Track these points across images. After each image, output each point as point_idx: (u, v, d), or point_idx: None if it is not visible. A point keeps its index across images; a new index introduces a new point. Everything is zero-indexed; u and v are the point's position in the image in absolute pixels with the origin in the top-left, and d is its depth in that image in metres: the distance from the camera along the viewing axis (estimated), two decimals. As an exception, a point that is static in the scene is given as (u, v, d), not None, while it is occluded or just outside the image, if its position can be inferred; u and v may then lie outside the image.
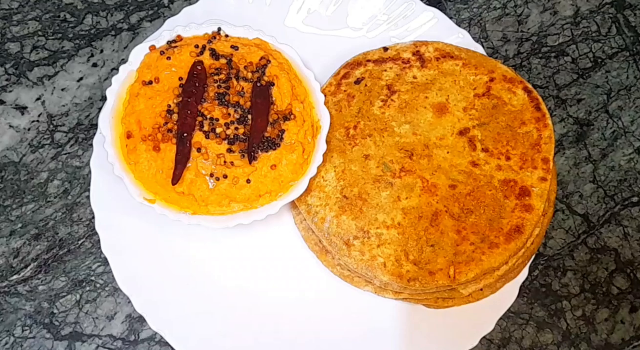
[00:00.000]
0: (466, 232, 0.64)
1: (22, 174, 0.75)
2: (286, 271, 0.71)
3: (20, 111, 0.77)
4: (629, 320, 0.73)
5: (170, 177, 0.65)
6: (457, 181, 0.66)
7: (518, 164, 0.67)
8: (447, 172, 0.67)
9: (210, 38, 0.70)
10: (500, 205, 0.65)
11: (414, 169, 0.67)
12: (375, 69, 0.72)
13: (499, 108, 0.69)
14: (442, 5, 0.84)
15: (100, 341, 0.71)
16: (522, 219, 0.65)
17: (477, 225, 0.65)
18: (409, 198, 0.66)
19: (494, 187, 0.66)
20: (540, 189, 0.65)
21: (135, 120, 0.66)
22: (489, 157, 0.68)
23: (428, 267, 0.64)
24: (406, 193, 0.67)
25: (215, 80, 0.68)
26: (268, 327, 0.68)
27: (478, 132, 0.69)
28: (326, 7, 0.78)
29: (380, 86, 0.71)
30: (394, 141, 0.69)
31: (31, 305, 0.71)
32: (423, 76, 0.72)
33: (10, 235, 0.73)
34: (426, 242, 0.64)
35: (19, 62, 0.79)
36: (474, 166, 0.67)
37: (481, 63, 0.71)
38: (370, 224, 0.66)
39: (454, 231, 0.65)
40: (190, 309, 0.69)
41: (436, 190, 0.66)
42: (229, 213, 0.66)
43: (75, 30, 0.80)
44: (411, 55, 0.72)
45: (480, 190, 0.66)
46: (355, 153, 0.69)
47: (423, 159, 0.68)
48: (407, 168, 0.68)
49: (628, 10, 0.85)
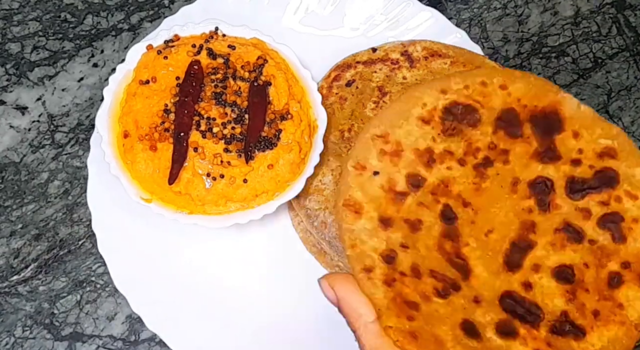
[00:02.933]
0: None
1: (23, 174, 0.75)
2: (284, 271, 0.71)
3: (20, 111, 0.77)
4: (629, 321, 0.73)
5: (166, 176, 0.65)
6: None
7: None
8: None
9: (207, 37, 0.70)
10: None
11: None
12: (365, 70, 0.72)
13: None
14: (442, 5, 0.84)
15: (101, 341, 0.71)
16: None
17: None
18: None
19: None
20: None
21: (132, 120, 0.67)
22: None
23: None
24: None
25: (212, 80, 0.68)
26: (265, 327, 0.68)
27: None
28: (323, 7, 0.78)
29: (371, 88, 0.71)
30: None
31: (31, 305, 0.72)
32: (412, 76, 0.71)
33: (11, 236, 0.73)
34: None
35: (19, 62, 0.79)
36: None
37: (469, 60, 0.71)
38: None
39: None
40: (187, 309, 0.69)
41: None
42: (225, 212, 0.66)
43: (75, 30, 0.81)
44: (399, 55, 0.72)
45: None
46: None
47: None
48: None
49: (628, 10, 0.85)
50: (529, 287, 0.45)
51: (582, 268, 0.45)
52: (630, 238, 0.45)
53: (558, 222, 0.45)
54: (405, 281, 0.44)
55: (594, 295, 0.44)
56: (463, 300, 0.44)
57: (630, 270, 0.44)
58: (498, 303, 0.44)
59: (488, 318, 0.44)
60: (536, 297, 0.44)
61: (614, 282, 0.44)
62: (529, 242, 0.45)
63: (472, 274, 0.45)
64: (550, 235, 0.45)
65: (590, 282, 0.44)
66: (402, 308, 0.43)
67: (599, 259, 0.45)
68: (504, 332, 0.43)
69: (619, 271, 0.44)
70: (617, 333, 0.44)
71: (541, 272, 0.45)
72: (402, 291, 0.43)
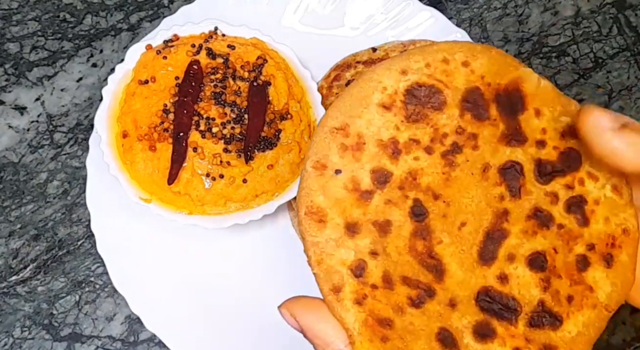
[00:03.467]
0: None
1: (21, 174, 0.75)
2: (283, 271, 0.70)
3: (19, 111, 0.77)
4: (630, 321, 0.73)
5: (166, 176, 0.65)
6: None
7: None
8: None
9: (207, 37, 0.70)
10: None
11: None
12: (365, 70, 0.72)
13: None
14: (442, 4, 0.84)
15: (100, 342, 0.71)
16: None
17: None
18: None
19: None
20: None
21: (131, 120, 0.66)
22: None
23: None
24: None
25: (211, 80, 0.68)
26: (265, 327, 0.68)
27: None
28: (323, 6, 0.78)
29: None
30: None
31: (30, 306, 0.71)
32: None
33: (9, 236, 0.73)
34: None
35: (18, 62, 0.79)
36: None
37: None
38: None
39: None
40: (187, 309, 0.68)
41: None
42: (225, 213, 0.66)
43: (74, 30, 0.80)
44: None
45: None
46: None
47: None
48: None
49: (629, 10, 0.85)
50: (505, 279, 0.43)
51: (553, 253, 0.44)
52: (592, 220, 0.44)
53: (529, 208, 0.44)
54: (376, 295, 0.41)
55: (566, 281, 0.44)
56: (438, 306, 0.42)
57: (595, 251, 0.44)
58: (474, 302, 0.43)
59: (465, 322, 0.42)
60: (512, 289, 0.43)
61: (581, 265, 0.44)
62: (502, 231, 0.44)
63: (446, 274, 0.43)
64: (522, 222, 0.44)
65: (561, 267, 0.44)
66: (375, 330, 0.41)
67: (566, 242, 0.44)
68: (481, 334, 0.42)
69: (585, 253, 0.44)
70: (590, 316, 0.43)
71: (516, 262, 0.44)
72: (374, 308, 0.41)
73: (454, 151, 0.44)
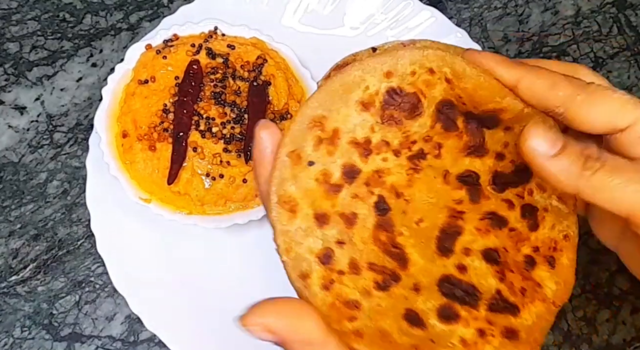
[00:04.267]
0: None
1: (21, 174, 0.75)
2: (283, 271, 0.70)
3: (19, 111, 0.77)
4: (630, 321, 0.73)
5: (165, 176, 0.65)
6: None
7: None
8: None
9: (207, 37, 0.70)
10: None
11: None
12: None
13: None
14: (442, 4, 0.84)
15: (100, 342, 0.71)
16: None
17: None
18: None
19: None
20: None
21: (130, 119, 0.66)
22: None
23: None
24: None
25: (211, 79, 0.68)
26: (265, 327, 0.68)
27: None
28: (323, 6, 0.78)
29: None
30: None
31: (30, 305, 0.71)
32: None
33: (9, 236, 0.73)
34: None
35: (18, 62, 0.79)
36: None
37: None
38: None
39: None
40: (187, 309, 0.68)
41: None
42: (224, 213, 0.66)
43: (74, 29, 0.80)
44: None
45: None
46: None
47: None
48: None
49: (629, 9, 0.85)
50: (464, 269, 0.45)
51: (504, 252, 0.45)
52: (541, 226, 0.46)
53: (485, 211, 0.46)
54: (343, 280, 0.42)
55: (518, 276, 0.45)
56: (403, 290, 0.43)
57: (539, 253, 0.46)
58: (437, 288, 0.44)
59: (429, 305, 0.43)
60: (472, 278, 0.44)
61: (528, 265, 0.45)
62: (456, 228, 0.45)
63: (409, 262, 0.44)
64: (476, 221, 0.45)
65: (513, 264, 0.45)
66: (342, 311, 0.41)
67: (515, 243, 0.46)
68: (445, 316, 0.43)
69: (531, 255, 0.46)
70: (541, 309, 0.45)
71: (472, 255, 0.45)
72: (342, 292, 0.42)
73: (419, 157, 0.45)
